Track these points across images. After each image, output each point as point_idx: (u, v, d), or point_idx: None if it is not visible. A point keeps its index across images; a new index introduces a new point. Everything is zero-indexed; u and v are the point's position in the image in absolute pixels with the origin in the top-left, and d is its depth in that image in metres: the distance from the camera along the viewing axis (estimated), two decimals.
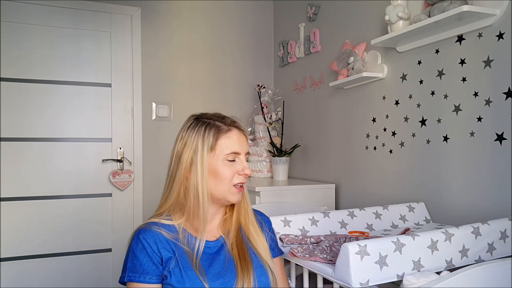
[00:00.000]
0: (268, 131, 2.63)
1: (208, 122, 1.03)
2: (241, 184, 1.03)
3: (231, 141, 1.02)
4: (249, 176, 1.04)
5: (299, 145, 2.55)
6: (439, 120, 1.56)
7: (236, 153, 1.02)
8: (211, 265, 0.98)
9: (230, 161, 1.01)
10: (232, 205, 1.09)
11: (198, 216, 0.99)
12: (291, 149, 2.51)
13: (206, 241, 1.02)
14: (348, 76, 1.98)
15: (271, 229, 1.15)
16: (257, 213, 1.14)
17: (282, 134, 2.63)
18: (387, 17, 1.64)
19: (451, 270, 0.95)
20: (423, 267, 0.99)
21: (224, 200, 1.03)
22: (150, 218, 1.04)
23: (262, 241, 1.06)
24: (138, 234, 0.97)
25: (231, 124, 1.05)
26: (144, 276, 0.93)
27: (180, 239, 0.98)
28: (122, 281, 0.96)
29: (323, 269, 1.03)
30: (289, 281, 1.29)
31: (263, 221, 1.14)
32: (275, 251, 1.13)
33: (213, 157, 1.00)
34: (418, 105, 1.66)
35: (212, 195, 1.02)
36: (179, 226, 1.01)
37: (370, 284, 0.92)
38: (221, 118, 1.05)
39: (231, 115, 1.08)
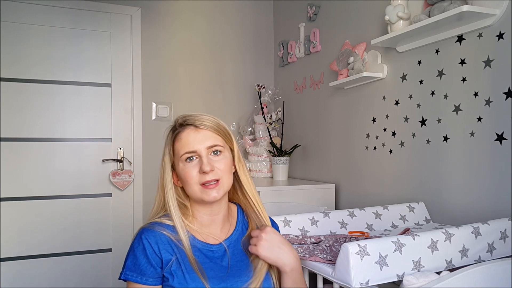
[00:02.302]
0: (268, 131, 2.63)
1: (169, 128, 1.04)
2: (209, 183, 0.97)
3: (182, 142, 0.99)
4: (209, 172, 0.96)
5: (299, 145, 2.55)
6: (439, 120, 1.56)
7: (191, 152, 0.98)
8: (213, 269, 0.97)
9: (189, 162, 0.98)
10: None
11: (173, 220, 0.98)
12: (291, 149, 2.51)
13: (209, 244, 1.01)
14: (348, 76, 1.98)
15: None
16: None
17: (282, 134, 2.63)
18: (387, 17, 1.64)
19: (451, 270, 0.95)
20: (423, 267, 0.99)
21: (202, 201, 1.00)
22: (154, 218, 1.02)
23: None
24: (141, 234, 0.97)
25: (182, 123, 1.01)
26: (141, 277, 0.93)
27: (182, 240, 0.97)
28: (121, 278, 0.96)
29: (323, 269, 1.03)
30: None
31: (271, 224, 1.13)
32: None
33: (176, 162, 1.01)
34: (418, 105, 1.66)
35: (190, 198, 1.02)
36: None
37: (370, 284, 0.92)
38: (175, 121, 1.03)
39: (201, 113, 1.02)
